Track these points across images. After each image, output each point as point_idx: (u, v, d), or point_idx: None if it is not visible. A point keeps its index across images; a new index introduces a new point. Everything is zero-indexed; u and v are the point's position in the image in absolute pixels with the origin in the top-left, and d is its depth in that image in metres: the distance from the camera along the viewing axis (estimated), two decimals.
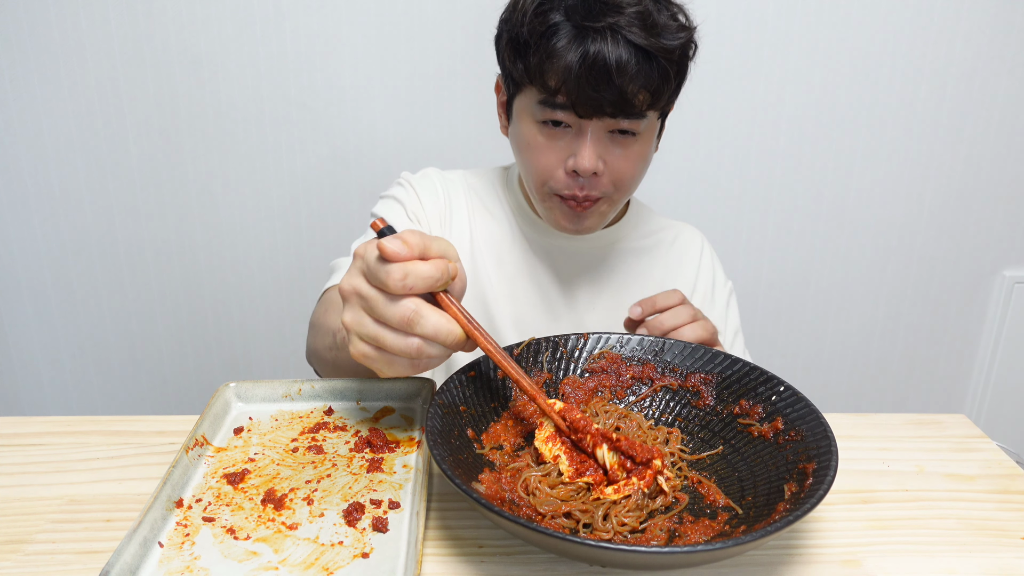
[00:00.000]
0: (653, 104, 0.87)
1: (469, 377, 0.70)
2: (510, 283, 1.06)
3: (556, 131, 0.89)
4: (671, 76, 0.86)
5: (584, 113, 0.85)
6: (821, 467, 0.58)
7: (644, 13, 0.83)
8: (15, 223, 1.62)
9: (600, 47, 0.82)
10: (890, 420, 0.81)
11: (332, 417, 0.76)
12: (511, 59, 0.89)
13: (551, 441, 0.66)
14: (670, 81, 0.87)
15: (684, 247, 1.13)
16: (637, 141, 0.91)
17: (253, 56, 1.51)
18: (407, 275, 0.57)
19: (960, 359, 1.90)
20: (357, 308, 0.60)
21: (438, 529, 0.62)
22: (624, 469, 0.62)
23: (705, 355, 0.75)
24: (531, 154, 0.92)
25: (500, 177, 1.11)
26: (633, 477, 0.62)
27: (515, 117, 0.94)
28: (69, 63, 1.50)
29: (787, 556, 0.60)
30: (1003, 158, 1.70)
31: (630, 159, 0.91)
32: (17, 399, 1.77)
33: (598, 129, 0.88)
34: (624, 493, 0.61)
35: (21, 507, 0.64)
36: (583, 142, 0.88)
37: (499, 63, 0.95)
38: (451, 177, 1.10)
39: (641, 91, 0.84)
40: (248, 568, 0.55)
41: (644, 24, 0.83)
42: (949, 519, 0.65)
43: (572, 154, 0.89)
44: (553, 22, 0.84)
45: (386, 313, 0.58)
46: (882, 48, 1.59)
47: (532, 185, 0.95)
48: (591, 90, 0.83)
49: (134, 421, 0.77)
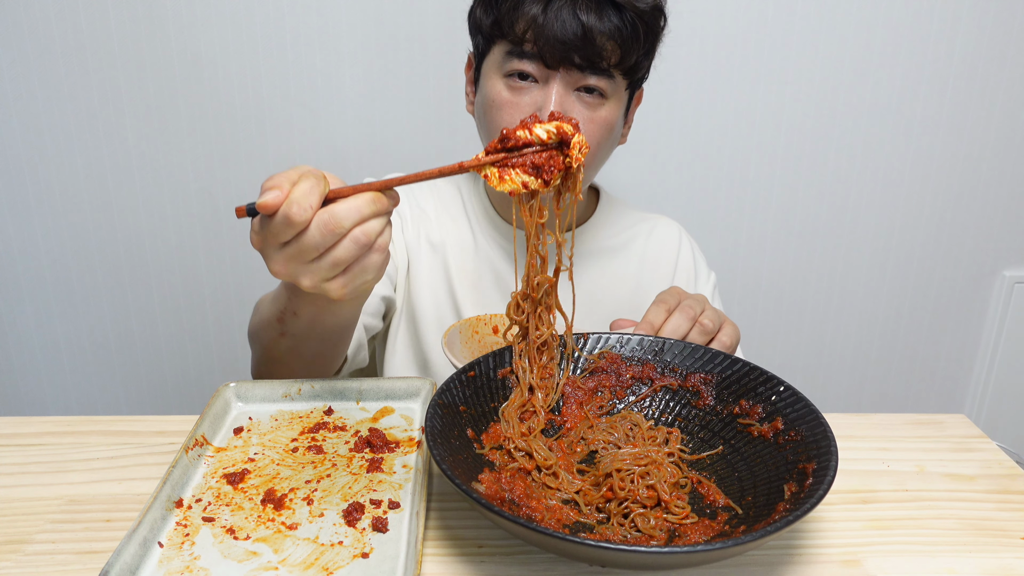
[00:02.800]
0: (621, 61, 0.87)
1: (469, 377, 0.70)
2: (474, 290, 1.04)
3: (522, 85, 0.88)
4: (640, 34, 0.86)
5: (551, 61, 0.85)
6: (821, 467, 0.58)
7: None
8: (15, 223, 1.62)
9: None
10: (890, 420, 0.81)
11: (332, 417, 0.76)
12: (483, 13, 0.90)
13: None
14: (639, 40, 0.87)
15: (660, 241, 1.10)
16: (604, 106, 0.89)
17: (253, 56, 1.51)
18: (294, 202, 0.59)
19: (960, 359, 1.90)
20: (299, 267, 0.62)
21: (438, 529, 0.62)
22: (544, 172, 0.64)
23: (705, 355, 0.75)
24: (496, 111, 0.90)
25: (467, 180, 1.09)
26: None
27: (482, 81, 0.94)
28: (69, 63, 1.50)
29: (787, 556, 0.60)
30: (1003, 158, 1.70)
31: (596, 122, 0.89)
32: (17, 399, 1.77)
33: (565, 82, 0.87)
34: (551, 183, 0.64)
35: (21, 507, 0.64)
36: (548, 94, 0.87)
37: (470, 30, 0.96)
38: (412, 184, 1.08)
39: (609, 41, 0.85)
40: (248, 568, 0.55)
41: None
42: (949, 519, 0.65)
43: (538, 108, 0.88)
44: None
45: (311, 242, 0.60)
46: (882, 48, 1.59)
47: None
48: (559, 31, 0.83)
49: (134, 421, 0.77)
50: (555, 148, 0.63)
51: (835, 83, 1.61)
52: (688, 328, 0.81)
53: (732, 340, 0.84)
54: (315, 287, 0.63)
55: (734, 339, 0.84)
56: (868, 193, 1.71)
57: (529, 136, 0.63)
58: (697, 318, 0.82)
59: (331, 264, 0.62)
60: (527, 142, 0.63)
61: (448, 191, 1.09)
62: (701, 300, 0.84)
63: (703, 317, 0.82)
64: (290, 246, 0.61)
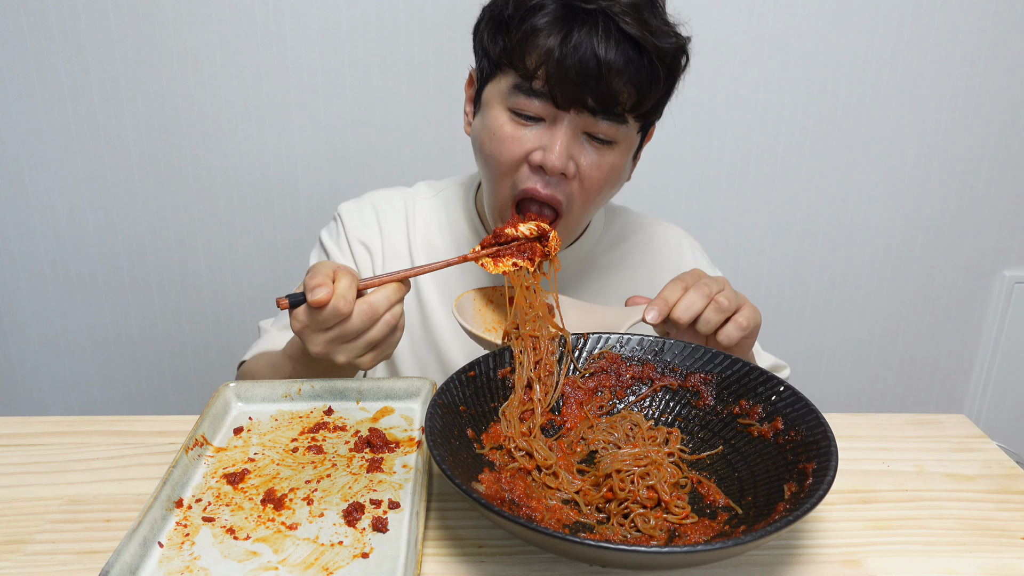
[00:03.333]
0: (637, 106, 0.81)
1: (469, 377, 0.70)
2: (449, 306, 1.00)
3: (527, 122, 0.82)
4: (660, 78, 0.80)
5: (562, 102, 0.79)
6: (821, 467, 0.58)
7: (638, 5, 0.78)
8: (15, 223, 1.62)
9: (589, 30, 0.76)
10: (890, 420, 0.81)
11: (332, 417, 0.76)
12: (491, 38, 0.83)
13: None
14: (659, 84, 0.80)
15: (660, 247, 1.06)
16: (613, 151, 0.83)
17: (253, 56, 1.51)
18: (341, 296, 0.71)
19: (960, 359, 1.90)
20: (337, 347, 0.74)
21: (438, 529, 0.62)
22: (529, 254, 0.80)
23: (705, 355, 0.75)
24: (497, 146, 0.83)
25: (457, 195, 1.04)
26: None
27: (483, 107, 0.86)
28: (69, 63, 1.50)
29: (787, 556, 0.60)
30: (1003, 158, 1.70)
31: (602, 168, 0.83)
32: (17, 399, 1.77)
33: (573, 125, 0.81)
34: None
35: (21, 507, 0.64)
36: (556, 135, 0.81)
37: (475, 49, 0.88)
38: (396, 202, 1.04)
39: (627, 87, 0.78)
40: (248, 568, 0.55)
41: (638, 16, 0.77)
42: (949, 519, 0.65)
43: (541, 147, 0.81)
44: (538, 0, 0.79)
45: (353, 328, 0.72)
46: (882, 48, 1.59)
47: (493, 183, 0.87)
48: (574, 74, 0.76)
49: (134, 421, 0.77)
50: (536, 240, 0.81)
51: (835, 83, 1.61)
52: (703, 305, 0.77)
53: (750, 322, 0.79)
54: (349, 362, 0.75)
55: (752, 320, 0.79)
56: (868, 193, 1.71)
57: (515, 232, 0.81)
58: (713, 296, 0.78)
59: (365, 344, 0.74)
60: (514, 237, 0.81)
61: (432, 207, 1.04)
62: (720, 280, 0.80)
63: (719, 295, 0.78)
64: (332, 331, 0.72)
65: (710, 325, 0.77)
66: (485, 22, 0.85)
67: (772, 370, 1.06)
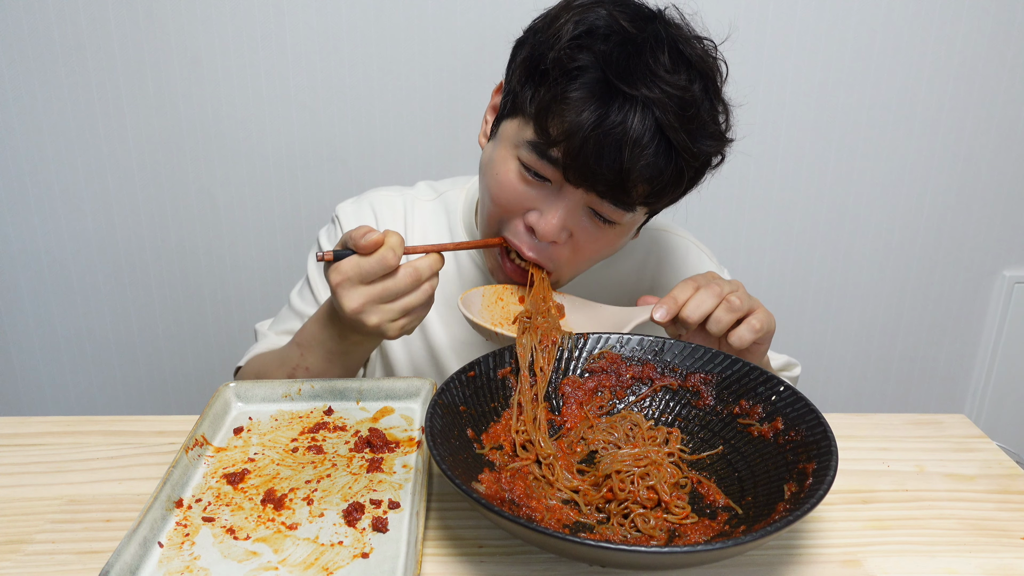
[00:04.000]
0: (649, 201, 0.76)
1: (469, 377, 0.70)
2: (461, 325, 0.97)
3: (533, 180, 0.77)
4: (684, 179, 0.75)
5: (573, 179, 0.74)
6: (821, 467, 0.58)
7: (686, 101, 0.71)
8: (15, 223, 1.62)
9: (624, 117, 0.70)
10: (890, 420, 0.81)
11: (332, 417, 0.76)
12: (521, 80, 0.77)
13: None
14: (681, 184, 0.76)
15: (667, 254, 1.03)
16: (613, 229, 0.80)
17: (253, 56, 1.51)
18: (392, 248, 0.70)
19: (960, 359, 1.90)
20: (374, 307, 0.72)
21: (438, 529, 0.62)
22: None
23: (705, 355, 0.75)
24: (498, 189, 0.80)
25: (458, 200, 1.01)
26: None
27: (498, 139, 0.81)
28: (69, 63, 1.50)
29: (787, 556, 0.60)
30: (1003, 159, 1.70)
31: (599, 243, 0.80)
32: (17, 399, 1.77)
33: (578, 200, 0.76)
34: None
35: (21, 507, 0.64)
36: (556, 205, 0.77)
37: (507, 70, 0.82)
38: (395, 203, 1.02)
39: (644, 182, 0.73)
40: (248, 568, 0.55)
41: (682, 113, 0.71)
42: (949, 519, 0.65)
43: (539, 210, 0.78)
44: (581, 64, 0.71)
45: (399, 286, 0.72)
46: (882, 48, 1.59)
47: (485, 216, 0.85)
48: (593, 159, 0.71)
49: (134, 421, 0.77)
50: None
51: (835, 83, 1.61)
52: (713, 305, 0.74)
53: (763, 324, 0.76)
54: (379, 325, 0.73)
55: (766, 324, 0.76)
56: (868, 193, 1.71)
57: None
58: (725, 296, 0.75)
59: (401, 308, 0.73)
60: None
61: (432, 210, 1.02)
62: (734, 283, 0.78)
63: (731, 296, 0.75)
64: (376, 285, 0.71)
65: (720, 325, 0.75)
66: (522, 59, 0.78)
67: (784, 368, 1.05)
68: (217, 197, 1.62)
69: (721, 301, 0.75)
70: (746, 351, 0.78)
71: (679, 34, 0.75)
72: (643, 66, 0.70)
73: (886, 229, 1.75)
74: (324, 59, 1.53)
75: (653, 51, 0.72)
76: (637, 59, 0.71)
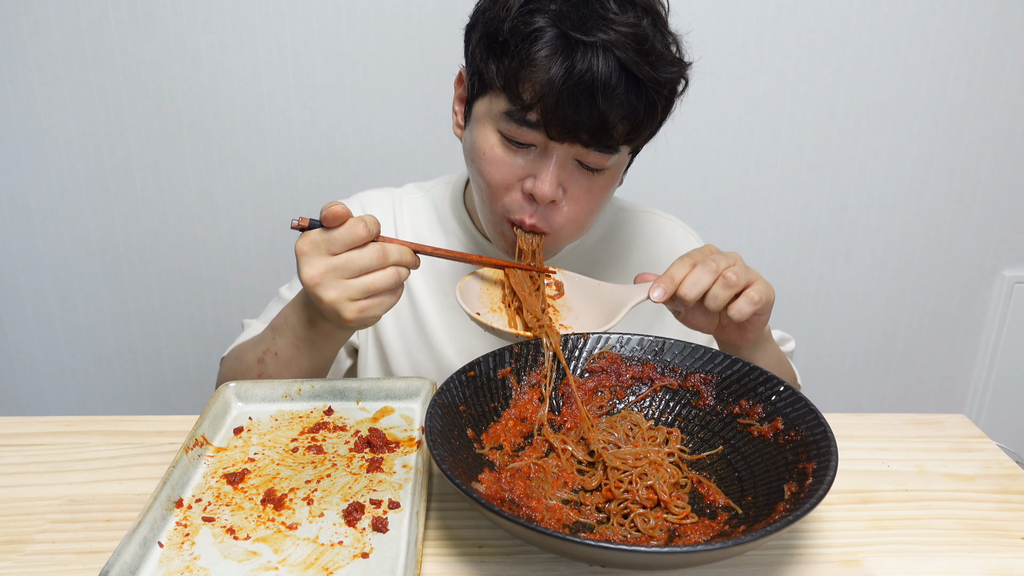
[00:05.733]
0: (630, 138, 0.79)
1: (469, 377, 0.70)
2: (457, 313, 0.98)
3: (518, 148, 0.80)
4: (657, 110, 0.78)
5: (556, 135, 0.77)
6: (821, 467, 0.58)
7: (640, 35, 0.74)
8: (15, 223, 1.62)
9: (589, 64, 0.73)
10: (890, 420, 0.81)
11: (332, 417, 0.76)
12: (483, 57, 0.79)
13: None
14: (655, 116, 0.79)
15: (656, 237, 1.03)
16: (603, 176, 0.83)
17: (253, 56, 1.51)
18: (365, 222, 0.70)
19: (960, 359, 1.90)
20: (334, 280, 0.70)
21: (438, 529, 0.62)
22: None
23: (705, 355, 0.75)
24: (487, 167, 0.82)
25: (446, 194, 1.02)
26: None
27: (473, 121, 0.84)
28: (69, 63, 1.50)
29: (787, 556, 0.60)
30: (1003, 158, 1.70)
31: (592, 192, 0.83)
32: (17, 399, 1.77)
33: (564, 154, 0.79)
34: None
35: (21, 507, 0.64)
36: (546, 165, 0.79)
37: (465, 55, 0.85)
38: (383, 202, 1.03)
39: (622, 121, 0.76)
40: (248, 568, 0.55)
41: (639, 48, 0.74)
42: (949, 519, 0.65)
43: (532, 175, 0.80)
44: (537, 26, 0.75)
45: (363, 261, 0.70)
46: (882, 48, 1.59)
47: (484, 200, 0.86)
48: (570, 111, 0.74)
49: (134, 421, 0.77)
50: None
51: (835, 83, 1.61)
52: (710, 282, 0.75)
53: (762, 296, 0.76)
54: (336, 302, 0.70)
55: (764, 295, 0.76)
56: (868, 193, 1.71)
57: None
58: (721, 271, 0.75)
59: (363, 287, 0.71)
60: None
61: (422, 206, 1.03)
62: (732, 256, 0.78)
63: (728, 271, 0.75)
64: (339, 257, 0.70)
65: (718, 302, 0.75)
66: (478, 37, 0.81)
67: (779, 342, 1.05)
68: (217, 197, 1.62)
69: (718, 277, 0.75)
70: (746, 322, 0.79)
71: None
72: (594, 13, 0.74)
73: (886, 229, 1.75)
74: (324, 59, 1.53)
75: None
76: (587, 8, 0.74)
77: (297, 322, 0.82)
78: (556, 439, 0.69)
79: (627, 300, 0.80)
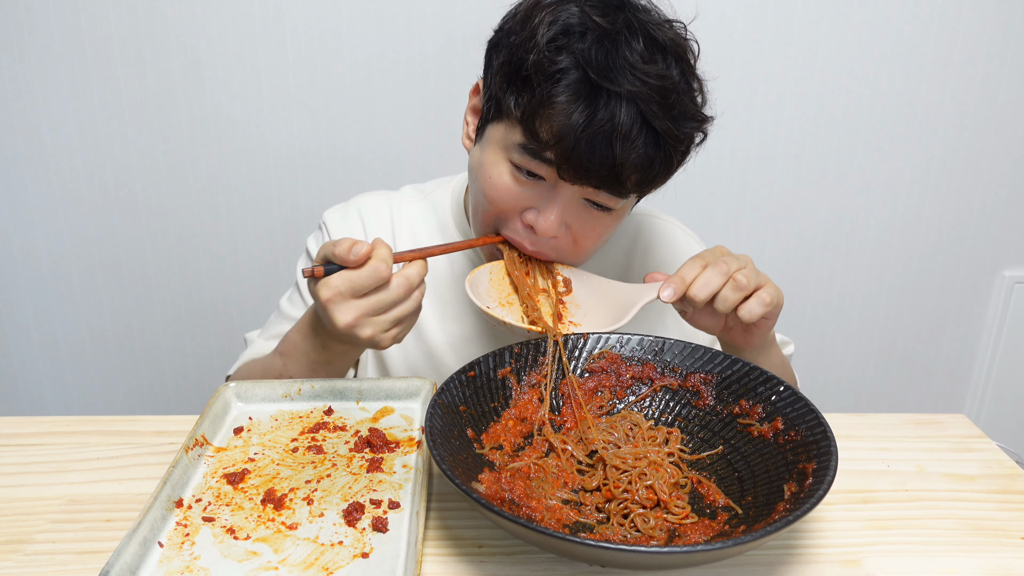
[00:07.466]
0: (641, 187, 0.79)
1: (469, 377, 0.70)
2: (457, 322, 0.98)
3: (528, 179, 0.78)
4: (673, 163, 0.78)
5: (568, 177, 0.75)
6: (821, 467, 0.58)
7: (666, 88, 0.73)
8: (15, 223, 1.62)
9: (612, 112, 0.71)
10: (890, 420, 0.81)
11: (332, 417, 0.76)
12: (502, 86, 0.77)
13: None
14: (671, 168, 0.78)
15: (660, 241, 1.03)
16: (609, 215, 0.82)
17: (253, 56, 1.51)
18: (383, 260, 0.70)
19: (960, 359, 1.90)
20: (367, 320, 0.71)
21: (438, 529, 0.62)
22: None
23: (705, 355, 0.75)
24: (493, 192, 0.80)
25: (445, 197, 1.02)
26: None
27: (485, 142, 0.82)
28: (69, 63, 1.50)
29: (787, 556, 0.60)
30: (1003, 158, 1.70)
31: (596, 231, 0.82)
32: (17, 399, 1.77)
33: (573, 193, 0.78)
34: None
35: (21, 507, 0.64)
36: (552, 203, 0.78)
37: (485, 72, 0.83)
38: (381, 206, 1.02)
39: (636, 171, 0.75)
40: (248, 568, 0.55)
41: (664, 101, 0.73)
42: (949, 519, 0.65)
43: (535, 208, 0.79)
44: (562, 66, 0.72)
45: (392, 297, 0.71)
46: (882, 48, 1.59)
47: (480, 217, 0.85)
48: (586, 156, 0.73)
49: (134, 421, 0.77)
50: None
51: (835, 83, 1.61)
52: (720, 283, 0.75)
53: (773, 299, 0.76)
54: (373, 337, 0.72)
55: (775, 298, 0.76)
56: (868, 193, 1.71)
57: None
58: (732, 274, 0.75)
59: (394, 318, 0.72)
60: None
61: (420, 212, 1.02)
62: (743, 258, 0.78)
63: (739, 273, 0.75)
64: (369, 299, 0.70)
65: (727, 304, 0.75)
66: (500, 63, 0.78)
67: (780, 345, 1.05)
68: (217, 196, 1.62)
69: (728, 280, 0.75)
70: (752, 325, 0.79)
71: (649, 19, 0.77)
72: (621, 59, 0.72)
73: (886, 229, 1.75)
74: (324, 59, 1.53)
75: (628, 42, 0.73)
76: (615, 53, 0.72)
77: (309, 348, 0.82)
78: (556, 439, 0.69)
79: (637, 299, 0.80)
